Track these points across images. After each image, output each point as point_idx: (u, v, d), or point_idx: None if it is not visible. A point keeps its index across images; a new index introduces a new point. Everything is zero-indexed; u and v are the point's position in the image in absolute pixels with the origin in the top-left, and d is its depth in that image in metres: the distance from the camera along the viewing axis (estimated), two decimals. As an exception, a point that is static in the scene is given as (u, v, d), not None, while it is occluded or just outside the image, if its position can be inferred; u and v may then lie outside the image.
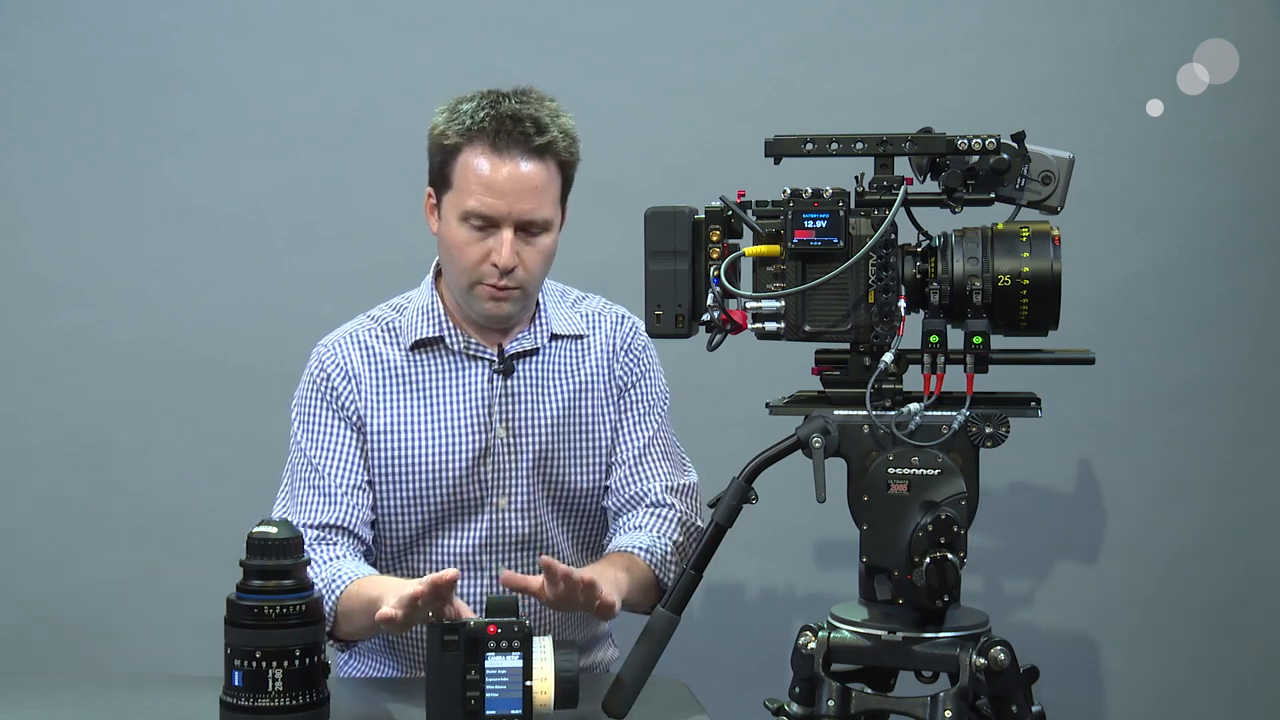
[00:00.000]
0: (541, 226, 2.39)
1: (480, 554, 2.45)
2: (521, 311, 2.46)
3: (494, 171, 2.35)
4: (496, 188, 2.35)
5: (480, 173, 2.35)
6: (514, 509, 2.45)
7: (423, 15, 3.24)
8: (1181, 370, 3.21)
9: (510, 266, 2.36)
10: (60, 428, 3.26)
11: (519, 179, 2.35)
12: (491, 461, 2.44)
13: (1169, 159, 3.18)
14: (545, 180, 2.37)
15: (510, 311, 2.43)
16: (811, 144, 2.05)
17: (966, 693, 1.97)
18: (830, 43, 3.22)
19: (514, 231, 2.36)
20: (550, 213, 2.39)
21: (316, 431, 2.45)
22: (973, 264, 2.01)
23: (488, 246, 2.37)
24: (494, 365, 2.46)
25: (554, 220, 2.41)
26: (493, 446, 2.44)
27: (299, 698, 1.95)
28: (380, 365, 2.47)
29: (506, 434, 2.45)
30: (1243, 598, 3.22)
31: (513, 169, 2.35)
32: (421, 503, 2.44)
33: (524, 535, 2.45)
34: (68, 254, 3.26)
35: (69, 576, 3.26)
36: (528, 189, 2.36)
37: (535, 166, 2.36)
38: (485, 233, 2.37)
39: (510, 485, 2.45)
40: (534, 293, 2.46)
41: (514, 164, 2.35)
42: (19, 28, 3.25)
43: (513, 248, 2.36)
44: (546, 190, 2.38)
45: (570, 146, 2.41)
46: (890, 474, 1.99)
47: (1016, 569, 3.24)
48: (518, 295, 2.41)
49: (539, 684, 1.94)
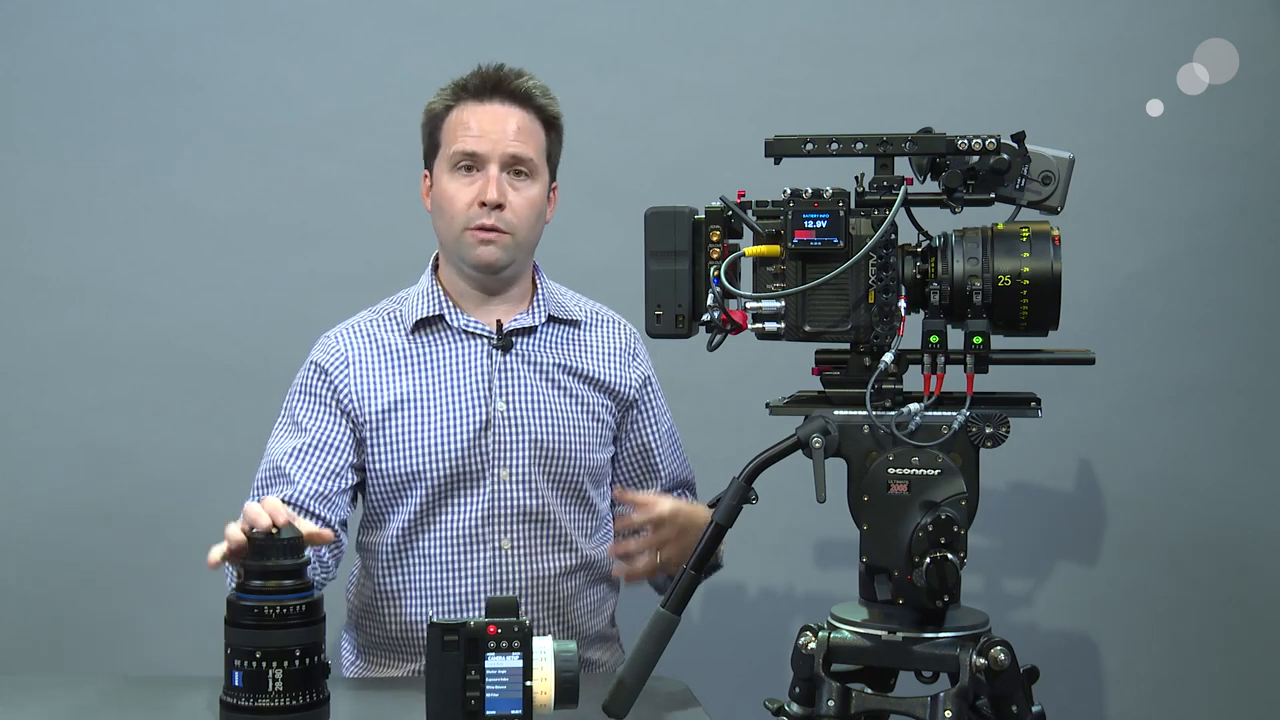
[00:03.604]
0: (528, 170, 2.52)
1: (483, 526, 2.52)
2: (514, 269, 2.56)
3: (478, 113, 2.52)
4: (480, 127, 2.51)
5: (466, 119, 2.52)
6: (514, 481, 2.52)
7: (422, 15, 3.24)
8: (1181, 371, 3.21)
9: (498, 201, 2.49)
10: (61, 428, 3.26)
11: (502, 116, 2.51)
12: (492, 435, 2.51)
13: (1169, 159, 3.18)
14: (528, 124, 2.53)
15: (500, 258, 2.52)
16: (811, 144, 2.05)
17: (966, 693, 1.97)
18: (830, 43, 3.22)
19: (500, 171, 2.49)
20: (535, 157, 2.53)
21: (295, 419, 2.55)
22: (973, 264, 2.01)
23: (476, 189, 2.50)
24: (493, 341, 2.54)
25: (540, 170, 2.54)
26: (493, 420, 2.52)
27: (299, 698, 1.96)
28: (382, 349, 2.57)
29: (506, 408, 2.52)
30: (1243, 598, 3.23)
31: (495, 108, 2.52)
32: (426, 476, 2.51)
33: (525, 507, 2.53)
34: (68, 254, 3.26)
35: (69, 576, 3.26)
36: (512, 127, 2.51)
37: (517, 109, 2.53)
38: (473, 175, 2.51)
39: (510, 458, 2.52)
40: (524, 244, 2.54)
41: (496, 105, 2.52)
42: (19, 28, 3.25)
43: (500, 185, 2.49)
44: (530, 134, 2.53)
45: (551, 105, 2.57)
46: (890, 474, 1.99)
47: (1016, 569, 3.24)
48: (508, 241, 2.51)
49: (539, 684, 1.94)
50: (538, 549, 2.53)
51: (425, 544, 2.53)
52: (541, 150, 2.55)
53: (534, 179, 2.53)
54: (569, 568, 2.56)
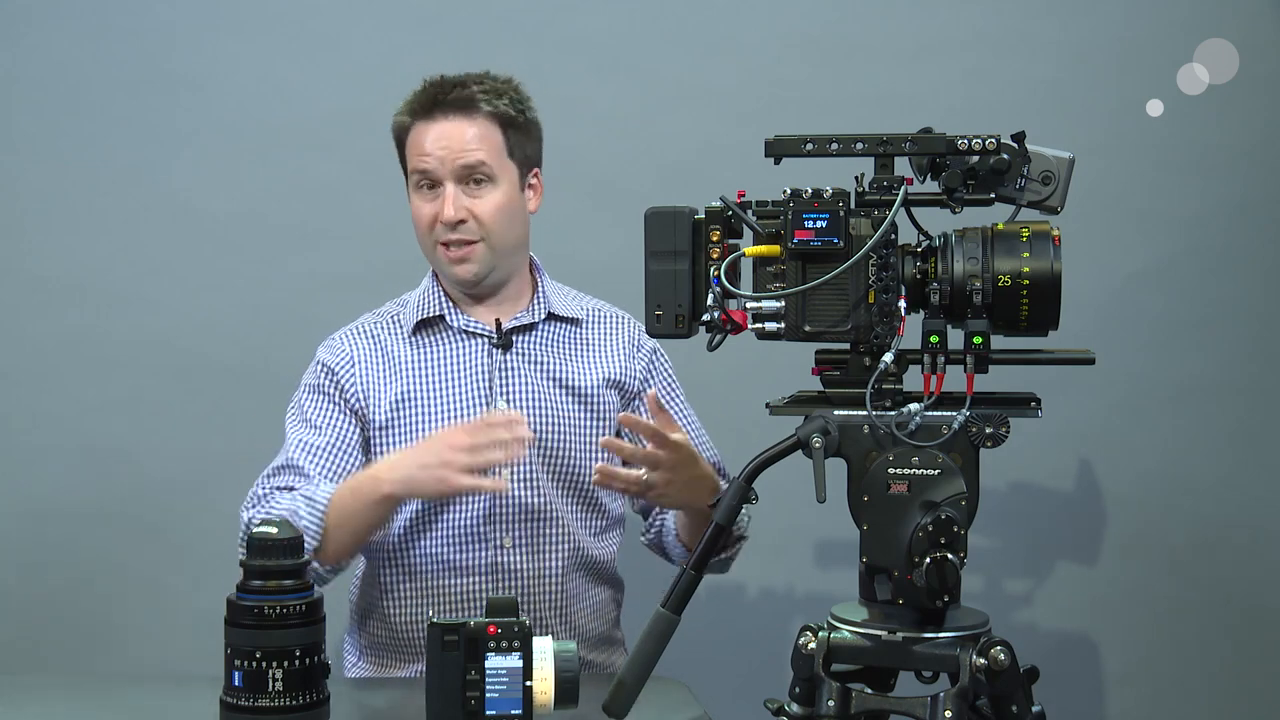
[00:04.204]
0: (483, 176, 2.52)
1: (484, 525, 2.52)
2: (498, 274, 2.56)
3: (427, 131, 2.53)
4: (429, 146, 2.52)
5: (417, 139, 2.54)
6: (515, 478, 2.52)
7: (422, 15, 3.24)
8: (1181, 371, 3.21)
9: (454, 219, 2.50)
10: (61, 428, 3.26)
11: (447, 133, 2.52)
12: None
13: (1169, 159, 3.18)
14: (476, 132, 2.52)
15: (476, 271, 2.53)
16: (811, 144, 2.05)
17: (966, 693, 1.97)
18: (830, 43, 3.22)
19: (457, 185, 2.50)
20: (491, 162, 2.52)
21: (306, 417, 2.55)
22: (973, 264, 2.01)
23: (436, 206, 2.52)
24: (493, 340, 2.56)
25: (498, 173, 2.53)
26: None
27: (299, 698, 1.95)
28: (384, 350, 2.58)
29: (508, 407, 2.53)
30: (1243, 598, 3.22)
31: (441, 126, 2.52)
32: None
33: (526, 505, 2.53)
34: (68, 254, 3.26)
35: (69, 576, 3.26)
36: (458, 142, 2.51)
37: (462, 120, 2.52)
38: (434, 193, 2.53)
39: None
40: (501, 246, 2.54)
41: (442, 122, 2.53)
42: (19, 28, 3.25)
43: (455, 201, 2.50)
44: (482, 140, 2.52)
45: (500, 105, 2.54)
46: (890, 474, 1.99)
47: (1016, 569, 3.24)
48: (480, 251, 2.52)
49: (539, 684, 1.94)
50: (539, 547, 2.53)
51: (426, 542, 2.54)
52: (499, 151, 2.54)
53: (496, 182, 2.53)
54: (572, 565, 2.56)
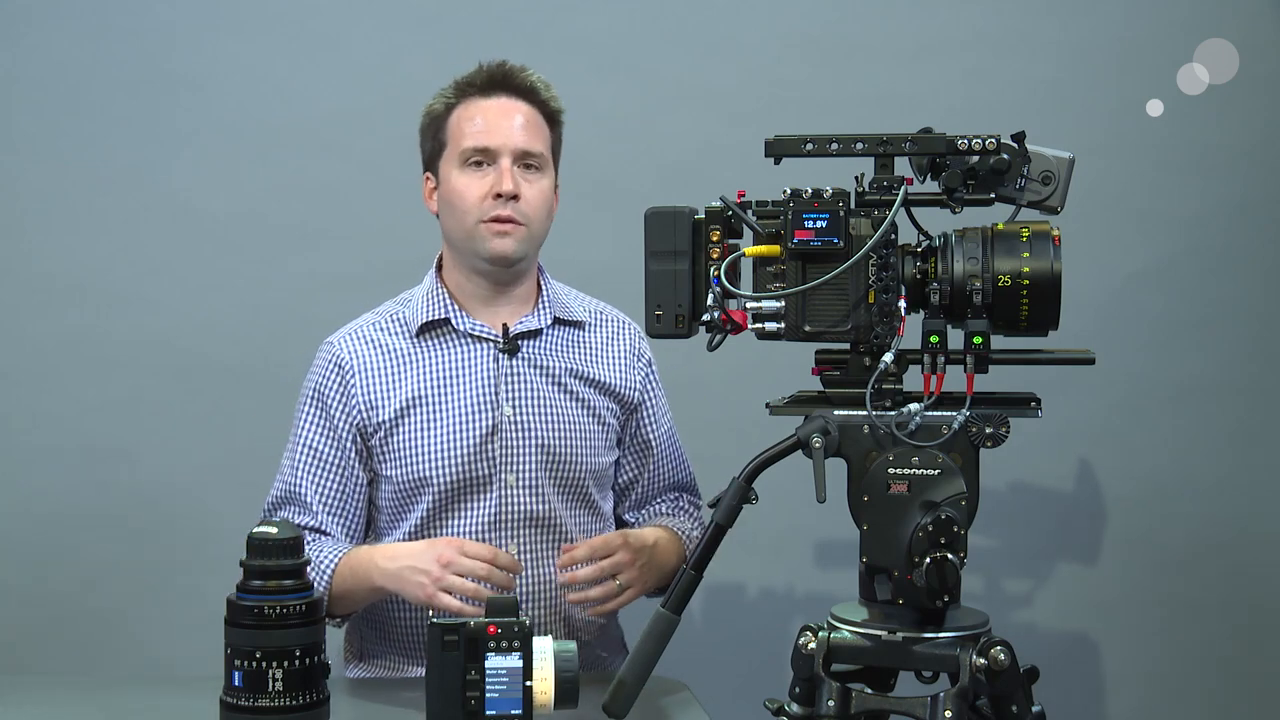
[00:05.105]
0: (538, 164, 2.51)
1: (489, 531, 2.51)
2: (525, 264, 2.55)
3: (485, 108, 2.51)
4: (490, 121, 2.50)
5: (473, 115, 2.51)
6: (520, 486, 2.51)
7: (422, 15, 3.24)
8: (1181, 370, 3.21)
9: (514, 192, 2.47)
10: (61, 428, 3.26)
11: (510, 110, 2.51)
12: (499, 439, 2.50)
13: (1169, 159, 3.18)
14: (535, 119, 2.53)
15: (515, 249, 2.50)
16: (811, 144, 2.05)
17: (966, 693, 1.97)
18: (830, 43, 3.22)
19: (513, 164, 2.48)
20: (544, 151, 2.52)
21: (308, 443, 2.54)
22: (973, 264, 2.01)
23: (489, 182, 2.48)
24: (499, 345, 2.53)
25: (548, 164, 2.53)
26: (500, 425, 2.50)
27: (299, 698, 1.95)
28: (387, 354, 2.55)
29: (514, 412, 2.51)
30: (1243, 598, 3.22)
31: (502, 102, 2.51)
32: (434, 482, 2.49)
33: (531, 513, 2.51)
34: (68, 254, 3.26)
35: (69, 576, 3.26)
36: (521, 121, 2.51)
37: (523, 104, 2.52)
38: (485, 170, 2.49)
39: (518, 463, 2.51)
40: (536, 237, 2.53)
41: (503, 99, 2.52)
42: (19, 28, 3.25)
43: (514, 176, 2.48)
44: (538, 129, 2.52)
45: (554, 100, 2.56)
46: (890, 474, 1.99)
47: (1016, 569, 3.24)
48: (523, 234, 2.50)
49: (539, 684, 1.94)
50: (542, 553, 2.52)
51: None
52: (548, 144, 2.54)
53: (543, 172, 2.52)
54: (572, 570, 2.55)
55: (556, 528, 2.53)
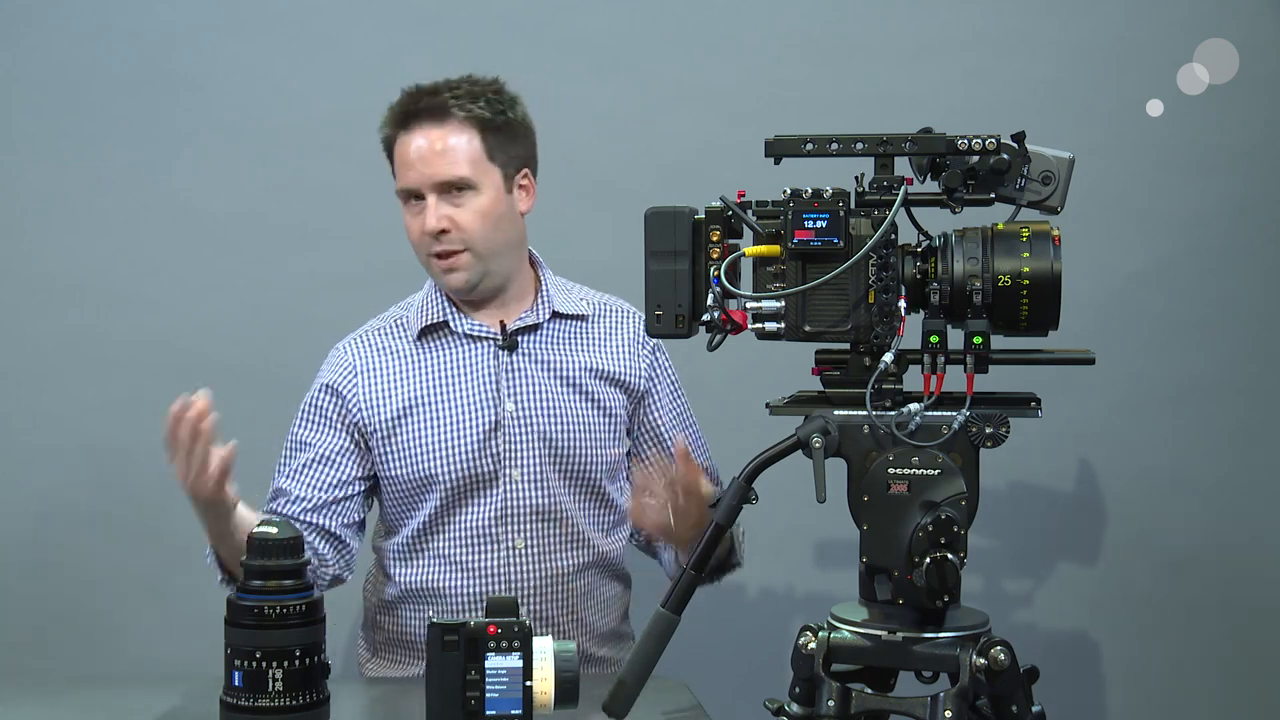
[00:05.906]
0: (463, 185, 2.51)
1: (496, 526, 2.53)
2: (492, 279, 2.55)
3: (405, 146, 2.53)
4: (409, 160, 2.53)
5: (400, 152, 2.55)
6: (526, 480, 2.53)
7: (422, 15, 3.24)
8: (1181, 370, 3.21)
9: (435, 229, 2.49)
10: (61, 428, 3.26)
11: (423, 146, 2.52)
12: (502, 435, 2.52)
13: (1169, 159, 3.18)
14: (453, 142, 2.52)
15: (466, 279, 2.53)
16: (811, 144, 2.05)
17: (966, 693, 1.97)
18: (830, 43, 3.22)
19: (438, 196, 2.50)
20: (469, 170, 2.51)
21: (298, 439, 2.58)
22: (973, 264, 2.01)
23: (422, 219, 2.51)
24: (498, 343, 2.55)
25: (478, 179, 2.52)
26: (503, 421, 2.53)
27: (299, 698, 1.95)
28: (390, 356, 2.58)
29: (515, 408, 2.53)
30: (1243, 598, 3.22)
31: (416, 138, 2.52)
32: (439, 481, 2.52)
33: (537, 506, 2.53)
34: (68, 254, 3.26)
35: (69, 576, 3.26)
36: (434, 153, 2.51)
37: (438, 130, 2.52)
38: (419, 205, 2.52)
39: (521, 457, 2.53)
40: (488, 254, 2.53)
41: (418, 133, 2.53)
42: (19, 28, 3.25)
43: (437, 212, 2.49)
44: (457, 150, 2.51)
45: (474, 105, 2.52)
46: (890, 474, 1.99)
47: (1016, 569, 3.24)
48: (466, 260, 2.52)
49: (539, 684, 1.94)
50: (551, 547, 2.54)
51: (439, 545, 2.54)
52: (478, 157, 2.52)
53: (477, 189, 2.52)
54: (582, 564, 2.57)
55: (564, 521, 2.55)
